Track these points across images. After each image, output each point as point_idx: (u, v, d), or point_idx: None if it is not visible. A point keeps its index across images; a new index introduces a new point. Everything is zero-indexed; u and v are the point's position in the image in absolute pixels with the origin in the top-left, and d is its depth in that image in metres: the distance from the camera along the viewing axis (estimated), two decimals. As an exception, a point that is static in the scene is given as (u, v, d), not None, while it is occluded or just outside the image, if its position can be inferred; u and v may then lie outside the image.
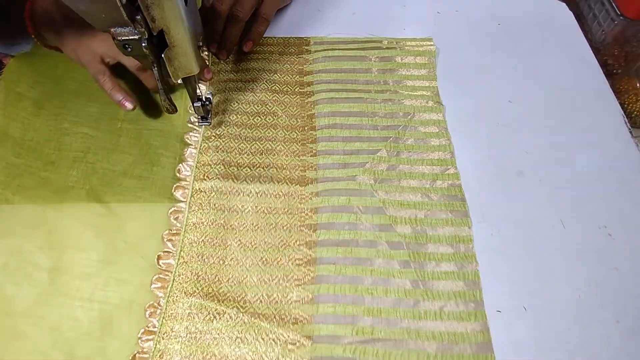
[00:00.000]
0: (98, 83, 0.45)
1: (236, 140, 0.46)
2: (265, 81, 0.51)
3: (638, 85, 1.22)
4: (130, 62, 0.45)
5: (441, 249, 0.40)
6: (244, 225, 0.41)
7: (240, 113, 0.48)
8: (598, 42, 1.25)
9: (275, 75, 0.52)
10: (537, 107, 0.50)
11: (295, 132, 0.47)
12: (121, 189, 0.44)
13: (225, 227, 0.41)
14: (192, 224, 0.41)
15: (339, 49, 0.54)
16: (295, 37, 0.55)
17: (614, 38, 1.22)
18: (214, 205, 0.42)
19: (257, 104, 0.49)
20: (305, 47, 0.55)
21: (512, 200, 0.43)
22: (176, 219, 0.42)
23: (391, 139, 0.46)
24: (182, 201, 0.43)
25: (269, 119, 0.48)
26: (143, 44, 0.33)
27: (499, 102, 0.50)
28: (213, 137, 0.46)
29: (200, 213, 0.42)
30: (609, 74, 1.25)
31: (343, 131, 0.47)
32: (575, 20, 0.59)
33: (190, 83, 0.40)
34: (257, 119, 0.48)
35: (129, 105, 0.44)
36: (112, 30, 0.32)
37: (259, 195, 0.43)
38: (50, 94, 0.50)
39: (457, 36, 0.57)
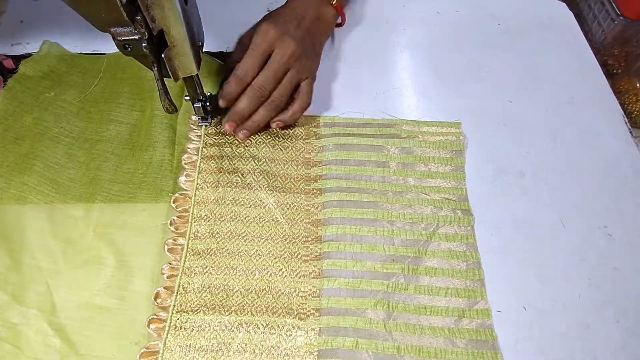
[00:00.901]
0: None
1: (227, 257, 0.39)
2: (265, 174, 0.43)
3: (638, 85, 1.22)
4: None
5: None
6: None
7: (232, 219, 0.41)
8: (598, 42, 1.25)
9: (278, 166, 0.44)
10: (537, 107, 0.50)
11: (297, 245, 0.40)
12: (85, 319, 0.36)
13: None
14: None
15: (352, 135, 0.46)
16: (304, 116, 0.48)
17: (614, 38, 1.22)
18: (194, 346, 0.35)
19: (254, 207, 0.42)
20: (314, 130, 0.47)
21: (512, 200, 0.43)
22: None
23: (410, 259, 0.39)
24: (156, 340, 0.35)
25: (268, 228, 0.41)
26: (143, 44, 0.33)
27: (499, 102, 0.50)
28: (201, 253, 0.39)
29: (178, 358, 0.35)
30: (609, 74, 1.25)
31: (353, 245, 0.40)
32: (575, 20, 0.59)
33: (190, 83, 0.41)
34: (254, 227, 0.41)
35: None
36: (112, 30, 0.32)
37: (249, 331, 0.36)
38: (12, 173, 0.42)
39: (457, 36, 0.57)
